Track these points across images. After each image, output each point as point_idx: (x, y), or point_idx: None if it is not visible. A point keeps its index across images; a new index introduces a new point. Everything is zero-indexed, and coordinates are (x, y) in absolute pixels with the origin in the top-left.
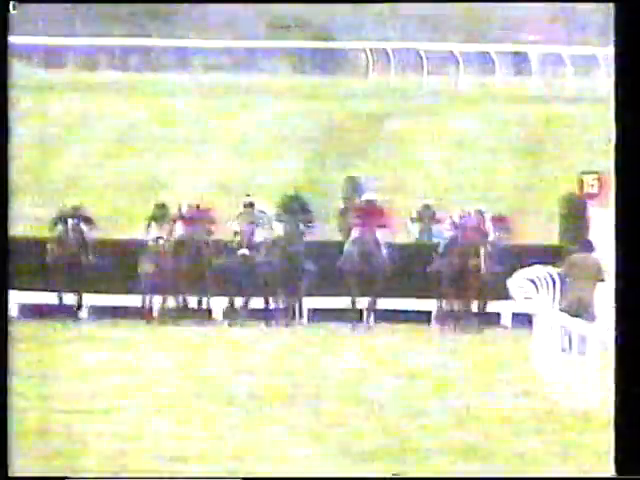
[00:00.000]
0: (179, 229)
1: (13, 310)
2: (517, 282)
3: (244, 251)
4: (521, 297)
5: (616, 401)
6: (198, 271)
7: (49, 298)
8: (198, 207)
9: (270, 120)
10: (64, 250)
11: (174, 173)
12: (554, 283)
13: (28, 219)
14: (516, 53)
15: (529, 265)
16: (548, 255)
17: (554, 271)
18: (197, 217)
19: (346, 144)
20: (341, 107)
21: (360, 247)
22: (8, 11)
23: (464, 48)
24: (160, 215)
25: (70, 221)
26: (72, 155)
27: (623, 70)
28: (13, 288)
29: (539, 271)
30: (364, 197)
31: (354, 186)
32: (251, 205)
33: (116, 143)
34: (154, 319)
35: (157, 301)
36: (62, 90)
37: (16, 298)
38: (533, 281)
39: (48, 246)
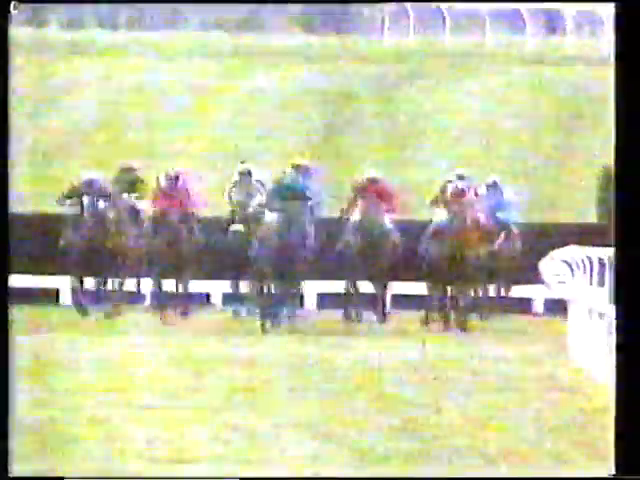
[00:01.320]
0: (156, 204)
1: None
2: (550, 265)
3: (237, 227)
4: (555, 281)
5: (616, 401)
6: (174, 253)
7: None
8: (177, 179)
9: (275, 84)
10: (80, 232)
11: (168, 141)
12: (592, 266)
13: (25, 195)
14: (549, 11)
15: (562, 245)
16: (584, 234)
17: (592, 253)
18: (175, 190)
19: (358, 111)
20: (353, 70)
21: (363, 235)
22: (8, 11)
23: (491, 5)
24: (126, 182)
25: (86, 198)
26: (58, 123)
27: (624, 70)
28: (21, 272)
29: (575, 252)
30: (366, 175)
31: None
32: (248, 173)
33: (105, 109)
34: (147, 306)
35: (148, 285)
36: (44, 51)
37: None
38: (568, 263)
39: (63, 228)
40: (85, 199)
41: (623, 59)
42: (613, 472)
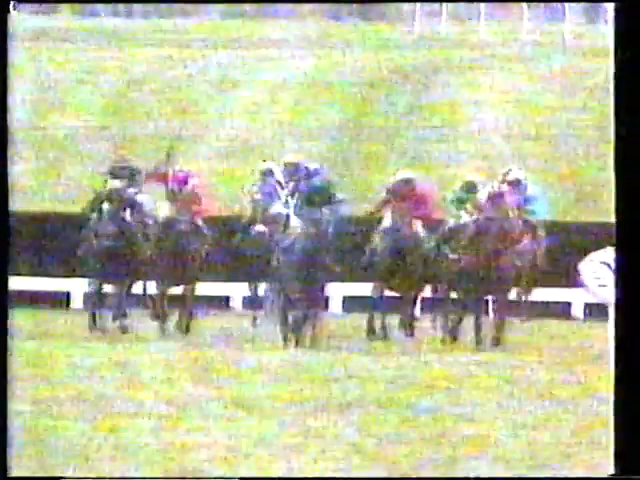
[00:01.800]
0: (164, 208)
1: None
2: (590, 267)
3: (260, 228)
4: (595, 284)
5: (616, 400)
6: (181, 264)
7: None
8: (186, 181)
9: (297, 75)
10: (101, 241)
11: (185, 136)
12: None
13: (36, 193)
14: None
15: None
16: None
17: None
18: (183, 194)
19: (386, 104)
20: (381, 60)
21: (392, 241)
22: (8, 11)
23: None
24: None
25: (106, 206)
26: (69, 114)
27: (623, 70)
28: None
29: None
30: (399, 175)
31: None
32: (270, 173)
33: (118, 100)
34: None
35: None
36: (57, 39)
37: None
38: (609, 265)
39: (81, 235)
40: (106, 206)
41: (623, 59)
42: (612, 472)
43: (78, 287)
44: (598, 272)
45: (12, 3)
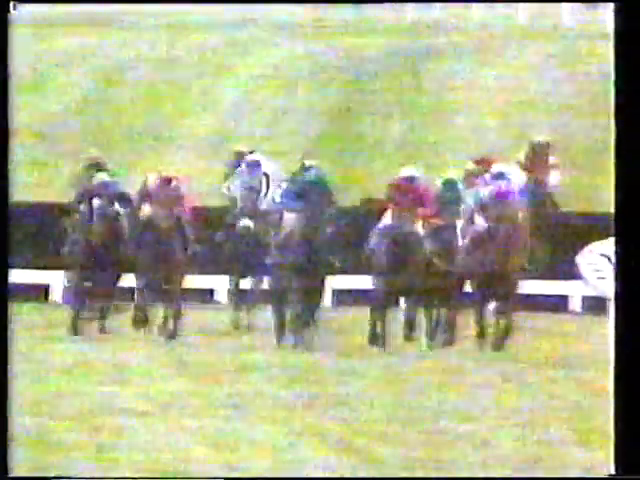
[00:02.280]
0: (146, 209)
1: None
2: (589, 259)
3: (246, 222)
4: (594, 277)
5: (616, 400)
6: (163, 265)
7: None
8: (169, 182)
9: (286, 61)
10: (88, 237)
11: (171, 123)
12: None
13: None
14: None
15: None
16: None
17: None
18: (166, 195)
19: (378, 91)
20: (373, 45)
21: (392, 240)
22: (8, 11)
23: None
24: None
25: (97, 201)
26: (53, 102)
27: (622, 71)
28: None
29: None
30: (403, 172)
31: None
32: (257, 165)
33: (105, 84)
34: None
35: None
36: (44, 25)
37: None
38: (609, 257)
39: (69, 230)
40: (96, 202)
41: (622, 60)
42: (613, 472)
43: (58, 280)
44: (597, 264)
45: (12, 3)
